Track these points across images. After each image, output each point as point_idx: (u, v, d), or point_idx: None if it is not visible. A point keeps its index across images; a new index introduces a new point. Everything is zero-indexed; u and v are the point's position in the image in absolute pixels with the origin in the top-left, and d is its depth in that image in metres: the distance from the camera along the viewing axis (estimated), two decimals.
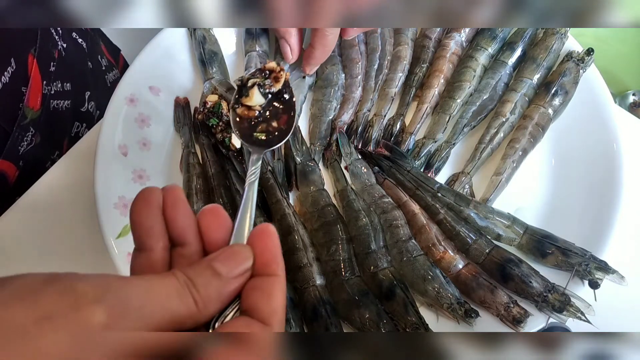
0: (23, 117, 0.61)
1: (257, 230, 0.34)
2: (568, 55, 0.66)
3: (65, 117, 0.71)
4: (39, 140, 0.65)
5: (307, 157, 0.64)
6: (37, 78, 0.62)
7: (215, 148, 0.65)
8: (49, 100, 0.65)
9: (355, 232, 0.59)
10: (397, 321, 0.54)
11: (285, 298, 0.32)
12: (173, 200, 0.33)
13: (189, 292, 0.29)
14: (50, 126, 0.68)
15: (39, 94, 0.63)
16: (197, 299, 0.29)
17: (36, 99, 0.62)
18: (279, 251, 0.33)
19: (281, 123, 0.51)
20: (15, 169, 0.63)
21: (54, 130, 0.69)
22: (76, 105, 0.73)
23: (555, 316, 0.55)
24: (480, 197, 0.64)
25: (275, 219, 0.62)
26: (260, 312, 0.31)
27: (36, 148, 0.65)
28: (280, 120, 0.51)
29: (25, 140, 0.62)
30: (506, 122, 0.65)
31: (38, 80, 0.63)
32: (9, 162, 0.62)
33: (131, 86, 0.63)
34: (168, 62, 0.67)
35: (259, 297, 0.31)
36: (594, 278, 0.56)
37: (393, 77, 0.68)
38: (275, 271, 0.32)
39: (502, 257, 0.57)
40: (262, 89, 0.51)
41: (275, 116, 0.51)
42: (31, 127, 0.63)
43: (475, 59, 0.67)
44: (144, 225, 0.32)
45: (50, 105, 0.66)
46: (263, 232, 0.33)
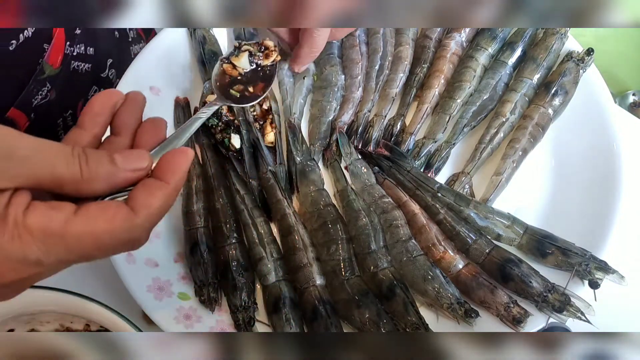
0: (41, 72, 0.63)
1: (176, 149, 0.39)
2: (568, 55, 0.66)
3: (85, 79, 0.73)
4: (53, 97, 0.66)
5: (307, 157, 0.64)
6: (61, 38, 0.64)
7: (215, 148, 0.64)
8: (70, 61, 0.67)
9: (355, 232, 0.59)
10: (397, 321, 0.54)
11: (167, 205, 0.36)
12: (129, 101, 0.41)
13: (78, 162, 0.33)
14: (68, 85, 0.69)
15: (61, 53, 0.65)
16: (84, 170, 0.33)
17: (57, 57, 0.64)
18: (182, 167, 0.37)
19: (257, 90, 0.58)
20: (26, 119, 0.64)
21: (70, 89, 0.71)
22: (97, 70, 0.74)
23: (555, 316, 0.55)
24: (480, 197, 0.64)
25: (275, 219, 0.62)
26: (134, 201, 0.35)
27: (50, 104, 0.66)
28: (257, 87, 0.58)
29: (40, 94, 0.64)
30: (506, 122, 0.65)
31: (62, 40, 0.64)
32: (20, 112, 0.63)
33: (131, 86, 0.63)
34: (168, 62, 0.67)
35: (140, 190, 0.35)
36: (594, 278, 0.56)
37: (394, 78, 0.68)
38: (167, 179, 0.36)
39: (502, 257, 0.57)
40: (251, 57, 0.59)
41: (254, 83, 0.58)
42: (48, 83, 0.64)
43: (476, 59, 0.67)
44: (93, 110, 0.39)
45: (70, 66, 0.68)
46: (179, 150, 0.38)
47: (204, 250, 0.58)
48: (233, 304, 0.56)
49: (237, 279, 0.56)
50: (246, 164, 0.63)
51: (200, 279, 0.57)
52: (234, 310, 0.56)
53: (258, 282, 0.59)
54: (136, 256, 0.57)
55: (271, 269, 0.58)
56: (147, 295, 0.56)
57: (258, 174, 0.64)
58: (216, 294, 0.57)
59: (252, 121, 0.64)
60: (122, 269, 0.55)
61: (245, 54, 0.59)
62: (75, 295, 0.48)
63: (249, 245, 0.60)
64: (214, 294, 0.57)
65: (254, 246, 0.59)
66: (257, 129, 0.63)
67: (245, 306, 0.56)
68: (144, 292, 0.55)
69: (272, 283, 0.57)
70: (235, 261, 0.58)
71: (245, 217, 0.60)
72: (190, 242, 0.59)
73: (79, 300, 0.48)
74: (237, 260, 0.58)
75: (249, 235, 0.60)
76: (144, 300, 0.55)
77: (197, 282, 0.57)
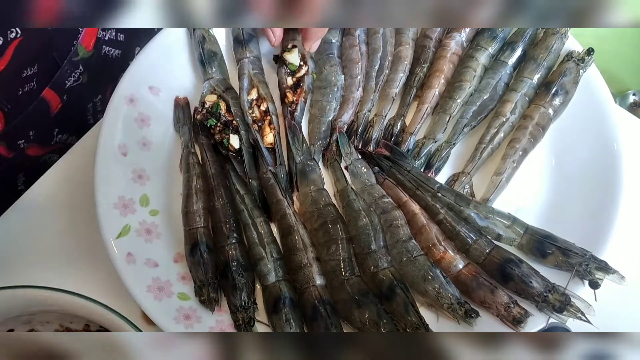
0: (75, 54, 0.64)
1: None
2: (568, 55, 0.66)
3: (114, 65, 0.74)
4: (85, 80, 0.68)
5: (307, 157, 0.64)
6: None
7: (215, 148, 0.65)
8: (101, 45, 0.69)
9: (356, 232, 0.59)
10: (397, 321, 0.54)
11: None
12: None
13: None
14: (99, 69, 0.71)
15: (94, 37, 0.66)
16: None
17: (90, 40, 0.66)
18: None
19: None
20: (59, 100, 0.66)
21: (101, 74, 0.72)
22: (126, 56, 0.76)
23: (555, 316, 0.55)
24: (481, 197, 0.64)
25: (275, 219, 0.62)
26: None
27: (82, 86, 0.68)
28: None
29: (73, 76, 0.66)
30: (506, 122, 0.65)
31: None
32: (54, 93, 0.65)
33: (131, 86, 0.63)
34: (168, 62, 0.67)
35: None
36: (594, 278, 0.56)
37: (394, 78, 0.68)
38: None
39: (502, 257, 0.57)
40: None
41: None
42: (80, 65, 0.66)
43: (476, 58, 0.67)
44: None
45: (102, 50, 0.69)
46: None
47: (204, 250, 0.58)
48: (233, 304, 0.56)
49: (237, 279, 0.56)
50: (246, 164, 0.63)
51: (200, 279, 0.57)
52: (234, 310, 0.56)
53: (258, 282, 0.59)
54: (136, 256, 0.57)
55: (271, 269, 0.58)
56: (147, 295, 0.55)
57: (258, 174, 0.64)
58: (216, 294, 0.57)
59: (251, 122, 0.64)
60: (122, 269, 0.55)
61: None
62: (75, 295, 0.48)
63: (249, 245, 0.60)
64: (214, 294, 0.57)
65: (254, 246, 0.59)
66: (256, 131, 0.63)
67: (245, 306, 0.56)
68: (144, 292, 0.55)
69: (272, 283, 0.57)
70: (235, 261, 0.57)
71: (245, 217, 0.60)
72: (190, 242, 0.59)
73: (79, 300, 0.47)
74: (237, 260, 0.58)
75: (249, 235, 0.60)
76: (144, 300, 0.55)
77: (197, 282, 0.57)
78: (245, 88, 0.65)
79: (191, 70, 0.68)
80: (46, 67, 0.62)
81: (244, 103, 0.64)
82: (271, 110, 0.65)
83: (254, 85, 0.66)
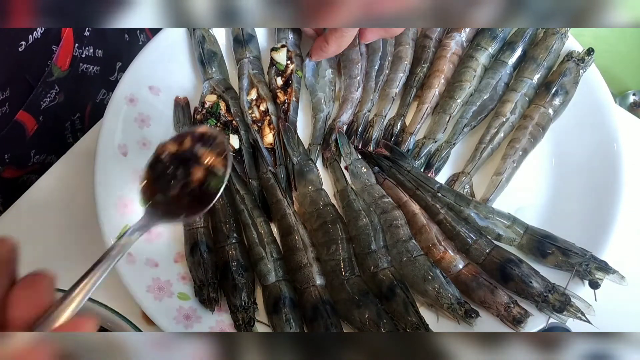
0: (49, 74, 0.62)
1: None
2: (568, 55, 0.66)
3: (93, 82, 0.73)
4: (62, 99, 0.66)
5: (304, 158, 0.64)
6: (70, 39, 0.64)
7: None
8: (78, 63, 0.67)
9: (356, 232, 0.59)
10: (397, 321, 0.54)
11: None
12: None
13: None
14: (76, 88, 0.69)
15: (69, 55, 0.65)
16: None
17: (65, 59, 0.64)
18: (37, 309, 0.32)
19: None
20: (34, 122, 0.64)
21: (79, 92, 0.70)
22: (105, 73, 0.74)
23: (555, 316, 0.55)
24: (481, 197, 0.64)
25: (275, 219, 0.62)
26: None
27: (58, 106, 0.66)
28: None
29: (48, 97, 0.64)
30: (506, 122, 0.65)
31: (70, 42, 0.64)
32: (29, 115, 0.63)
33: (131, 86, 0.63)
34: (168, 62, 0.67)
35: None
36: (594, 278, 0.56)
37: (394, 78, 0.68)
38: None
39: (502, 257, 0.57)
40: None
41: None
42: (56, 85, 0.64)
43: (476, 58, 0.67)
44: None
45: (79, 68, 0.67)
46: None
47: (203, 250, 0.58)
48: (233, 304, 0.56)
49: (237, 279, 0.56)
50: (246, 164, 0.63)
51: (200, 279, 0.57)
52: (233, 310, 0.56)
53: (258, 282, 0.59)
54: (136, 256, 0.57)
55: (271, 269, 0.58)
56: (147, 295, 0.55)
57: (258, 174, 0.64)
58: (216, 294, 0.57)
59: (251, 122, 0.64)
60: (122, 269, 0.55)
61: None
62: None
63: (249, 245, 0.60)
64: (214, 294, 0.57)
65: (254, 246, 0.59)
66: (255, 131, 0.63)
67: (245, 306, 0.56)
68: (144, 292, 0.55)
69: (272, 283, 0.57)
70: (235, 261, 0.57)
71: (245, 217, 0.60)
72: (190, 242, 0.59)
73: None
74: (237, 260, 0.58)
75: (249, 235, 0.60)
76: (144, 300, 0.55)
77: (197, 282, 0.57)
78: (245, 88, 0.65)
79: (191, 70, 0.68)
80: (19, 90, 0.61)
81: (243, 103, 0.64)
82: (271, 110, 0.65)
83: (253, 86, 0.66)
